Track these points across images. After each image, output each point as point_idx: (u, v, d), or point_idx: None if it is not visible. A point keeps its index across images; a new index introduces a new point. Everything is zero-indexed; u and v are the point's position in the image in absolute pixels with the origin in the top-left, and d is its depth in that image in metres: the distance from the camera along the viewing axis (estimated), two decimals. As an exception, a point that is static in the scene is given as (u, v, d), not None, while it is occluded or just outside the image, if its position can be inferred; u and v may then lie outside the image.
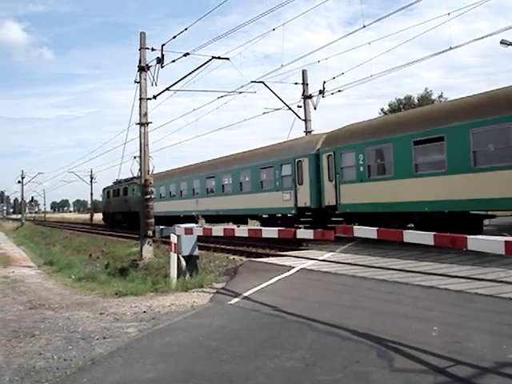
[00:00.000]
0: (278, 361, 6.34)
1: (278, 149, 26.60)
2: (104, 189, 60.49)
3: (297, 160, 23.68)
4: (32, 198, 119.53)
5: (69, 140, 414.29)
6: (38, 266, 24.33)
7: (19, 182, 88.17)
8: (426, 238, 7.78)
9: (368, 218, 19.02)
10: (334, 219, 20.61)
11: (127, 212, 47.25)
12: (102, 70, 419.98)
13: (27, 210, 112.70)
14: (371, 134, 19.78)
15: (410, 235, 8.47)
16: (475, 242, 6.86)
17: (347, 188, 20.62)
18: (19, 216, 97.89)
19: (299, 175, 23.50)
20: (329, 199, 21.69)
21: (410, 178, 17.60)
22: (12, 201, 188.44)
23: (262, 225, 26.50)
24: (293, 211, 23.82)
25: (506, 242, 6.29)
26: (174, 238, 13.90)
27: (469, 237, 6.86)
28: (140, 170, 21.94)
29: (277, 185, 25.16)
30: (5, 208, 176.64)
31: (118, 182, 53.25)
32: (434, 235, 7.53)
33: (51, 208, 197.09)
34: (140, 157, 21.88)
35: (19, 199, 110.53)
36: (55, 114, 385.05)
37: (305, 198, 23.09)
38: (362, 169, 19.86)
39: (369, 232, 9.51)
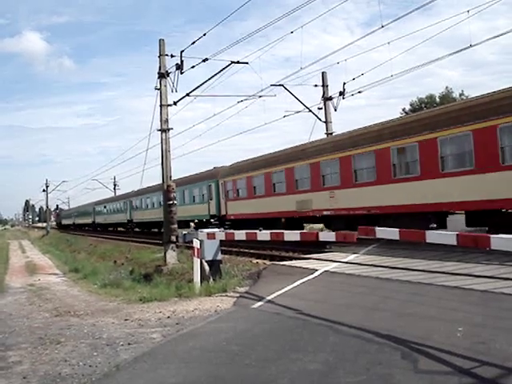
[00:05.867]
0: (301, 364, 6.33)
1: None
2: (56, 212, 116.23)
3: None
4: (57, 206, 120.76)
5: (92, 148, 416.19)
6: (63, 273, 24.62)
7: (44, 190, 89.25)
8: (449, 238, 7.72)
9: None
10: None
11: (60, 223, 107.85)
12: (124, 77, 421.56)
13: (52, 218, 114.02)
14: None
15: (433, 235, 8.41)
16: (499, 241, 6.79)
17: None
18: (44, 224, 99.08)
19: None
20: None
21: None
22: (37, 209, 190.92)
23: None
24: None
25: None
26: (196, 243, 13.96)
27: (492, 236, 6.80)
28: (162, 175, 22.04)
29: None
30: (30, 217, 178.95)
31: (59, 210, 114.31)
32: (457, 235, 7.47)
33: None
34: (162, 163, 21.99)
35: (44, 207, 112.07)
36: (79, 123, 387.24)
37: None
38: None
39: (391, 233, 9.47)
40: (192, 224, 34.45)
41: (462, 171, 16.65)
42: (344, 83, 27.77)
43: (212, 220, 33.22)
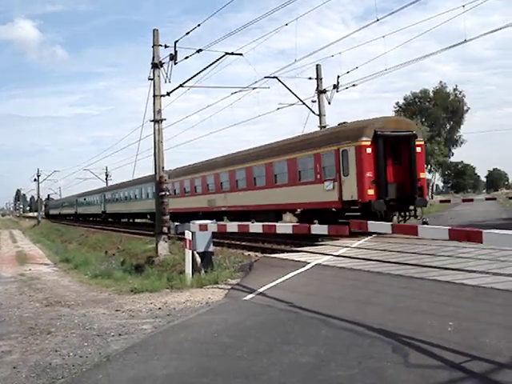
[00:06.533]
0: (292, 356, 6.33)
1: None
2: (44, 203, 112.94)
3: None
4: (48, 195, 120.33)
5: (85, 138, 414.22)
6: (54, 263, 24.59)
7: (35, 180, 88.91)
8: (441, 233, 7.73)
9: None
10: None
11: (48, 213, 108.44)
12: (118, 67, 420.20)
13: (43, 208, 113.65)
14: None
15: (425, 230, 8.43)
16: (491, 236, 6.80)
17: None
18: (36, 214, 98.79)
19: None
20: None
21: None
22: (28, 199, 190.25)
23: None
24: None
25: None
26: (188, 235, 13.94)
27: (484, 231, 6.81)
28: (154, 166, 21.97)
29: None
30: (21, 206, 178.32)
31: (47, 201, 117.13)
32: (449, 230, 7.48)
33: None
34: (154, 154, 21.92)
35: (35, 197, 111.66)
36: (71, 113, 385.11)
37: None
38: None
39: (383, 227, 9.48)
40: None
41: (284, 184, 25.64)
42: (338, 76, 27.82)
43: None
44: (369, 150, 20.59)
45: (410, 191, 21.18)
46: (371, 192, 20.43)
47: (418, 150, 21.70)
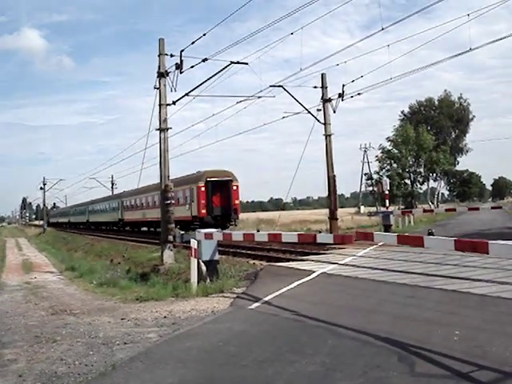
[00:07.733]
0: (298, 365, 6.32)
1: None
2: (47, 211, 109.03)
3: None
4: (54, 204, 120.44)
5: (91, 146, 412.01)
6: (59, 271, 24.58)
7: (41, 188, 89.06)
8: (447, 243, 7.72)
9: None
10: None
11: (48, 221, 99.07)
12: (123, 76, 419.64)
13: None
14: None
15: (431, 241, 8.43)
16: (497, 247, 6.79)
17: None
18: (41, 222, 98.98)
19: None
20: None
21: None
22: (34, 207, 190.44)
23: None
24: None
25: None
26: (194, 243, 13.91)
27: (490, 242, 6.80)
28: (160, 175, 21.98)
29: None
30: (27, 214, 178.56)
31: (53, 208, 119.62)
32: (455, 241, 7.46)
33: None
34: (160, 162, 21.92)
35: (41, 205, 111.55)
36: (77, 121, 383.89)
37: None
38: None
39: (388, 238, 9.47)
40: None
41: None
42: (343, 85, 27.80)
43: (120, 222, 56.72)
44: (203, 189, 36.19)
45: (228, 211, 36.45)
46: (204, 211, 35.84)
47: (234, 187, 37.12)
